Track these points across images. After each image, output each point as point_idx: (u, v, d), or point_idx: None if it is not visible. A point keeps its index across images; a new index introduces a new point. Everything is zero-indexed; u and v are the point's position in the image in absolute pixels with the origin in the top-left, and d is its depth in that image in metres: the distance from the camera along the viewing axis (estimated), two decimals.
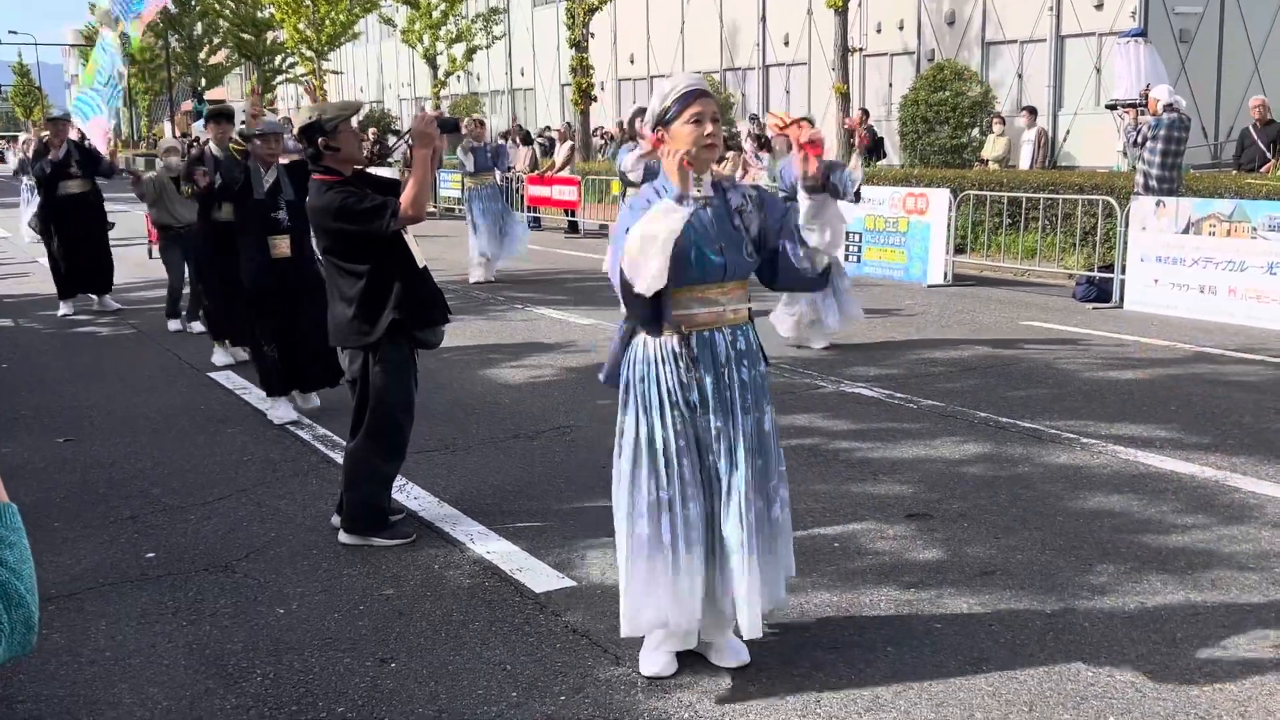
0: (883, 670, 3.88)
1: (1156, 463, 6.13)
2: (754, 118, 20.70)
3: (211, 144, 8.48)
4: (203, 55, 50.12)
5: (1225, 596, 4.41)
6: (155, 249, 15.87)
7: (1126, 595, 4.44)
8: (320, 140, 4.94)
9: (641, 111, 10.60)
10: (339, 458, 6.50)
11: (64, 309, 12.12)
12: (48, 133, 12.09)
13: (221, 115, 8.68)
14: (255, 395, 8.07)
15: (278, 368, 7.40)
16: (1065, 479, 5.88)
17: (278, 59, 45.12)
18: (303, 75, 41.56)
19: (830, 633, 4.19)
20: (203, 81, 50.26)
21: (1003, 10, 23.92)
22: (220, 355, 9.29)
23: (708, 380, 3.67)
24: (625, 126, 10.92)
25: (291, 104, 53.90)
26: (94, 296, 12.44)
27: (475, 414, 7.48)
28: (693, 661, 3.96)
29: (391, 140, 22.45)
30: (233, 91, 57.42)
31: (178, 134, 27.71)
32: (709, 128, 3.55)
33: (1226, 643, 4.03)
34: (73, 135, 12.24)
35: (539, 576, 4.75)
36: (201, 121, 8.97)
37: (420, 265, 5.04)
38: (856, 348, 9.53)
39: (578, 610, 4.41)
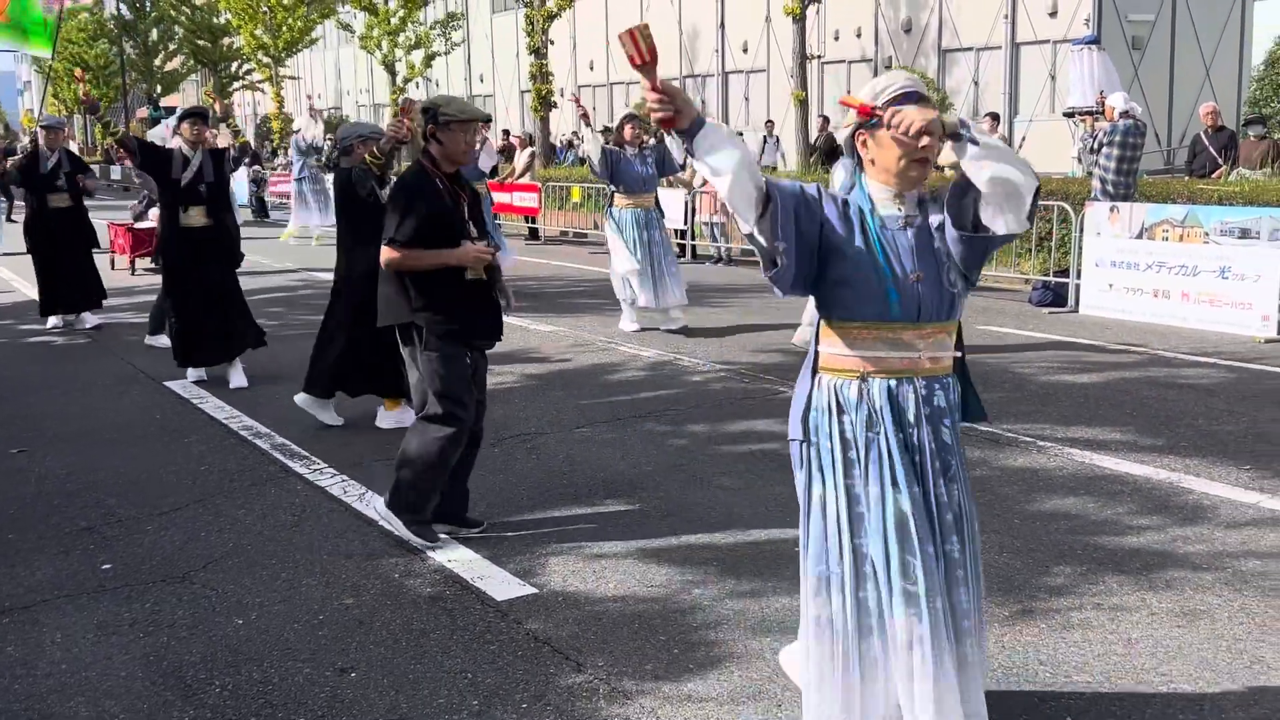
0: None
1: (1112, 465, 6.20)
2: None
3: (183, 144, 8.36)
4: (158, 62, 49.70)
5: (1180, 597, 4.47)
6: (119, 257, 15.71)
7: (1083, 596, 4.49)
8: (429, 126, 5.04)
9: (632, 118, 10.58)
10: (298, 467, 6.47)
11: (53, 321, 11.46)
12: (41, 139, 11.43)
13: (196, 115, 8.53)
14: (212, 404, 8.01)
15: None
16: (1022, 481, 5.94)
17: (234, 65, 44.81)
18: (260, 82, 41.34)
19: (792, 636, 4.20)
20: (158, 88, 49.84)
21: (959, 18, 24.14)
22: (194, 372, 8.75)
23: (891, 441, 3.09)
24: (614, 131, 10.79)
25: (249, 110, 53.55)
26: (73, 315, 11.56)
27: None
28: (654, 666, 3.97)
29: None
30: (188, 98, 56.96)
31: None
32: (924, 139, 2.96)
33: (1182, 644, 4.08)
34: (73, 146, 11.85)
35: (500, 584, 4.74)
36: (174, 120, 8.81)
37: (470, 278, 5.06)
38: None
39: (539, 618, 4.41)
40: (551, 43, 27.23)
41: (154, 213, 16.35)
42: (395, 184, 5.17)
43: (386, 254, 5.00)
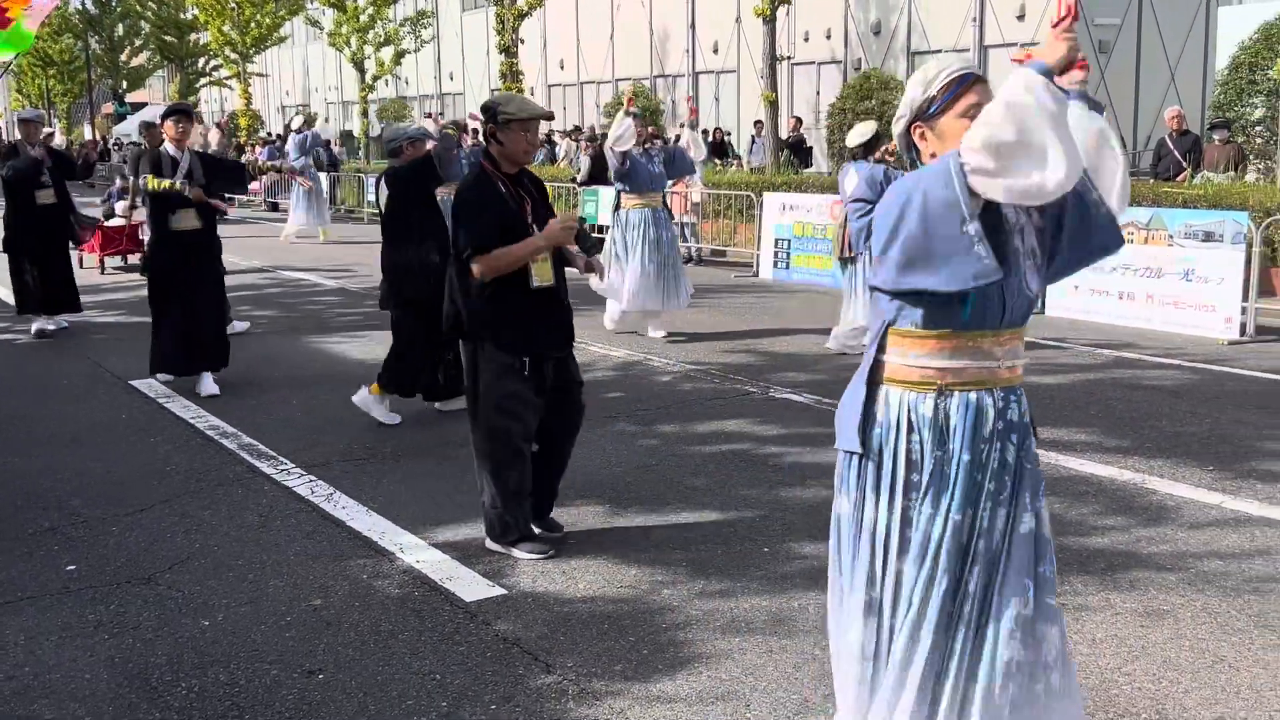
0: (811, 674, 3.92)
1: (1077, 465, 6.25)
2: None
3: (168, 143, 8.14)
4: (124, 57, 49.25)
5: (1144, 597, 4.52)
6: (88, 256, 15.47)
7: None
8: (488, 126, 4.92)
9: (636, 116, 10.35)
10: (265, 467, 6.44)
11: (38, 325, 10.81)
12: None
13: (180, 112, 8.28)
14: (178, 404, 7.95)
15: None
16: None
17: (201, 62, 44.48)
18: (227, 78, 41.06)
19: (759, 636, 4.22)
20: (124, 84, 49.39)
21: (927, 21, 24.28)
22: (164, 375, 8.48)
23: (961, 460, 2.85)
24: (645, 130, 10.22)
25: (215, 107, 53.18)
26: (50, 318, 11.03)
27: (404, 423, 7.42)
28: (624, 666, 3.97)
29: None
30: (154, 94, 56.50)
31: (98, 136, 27.19)
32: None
33: (1145, 643, 4.12)
34: (57, 140, 11.45)
35: (469, 585, 4.73)
36: (160, 118, 8.41)
37: (537, 285, 4.91)
38: (784, 354, 9.61)
39: (508, 619, 4.40)
40: (522, 41, 27.17)
41: (119, 207, 16.24)
42: (458, 193, 4.95)
43: (475, 267, 4.77)
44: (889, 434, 2.89)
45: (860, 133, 9.07)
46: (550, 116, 5.17)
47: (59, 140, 11.76)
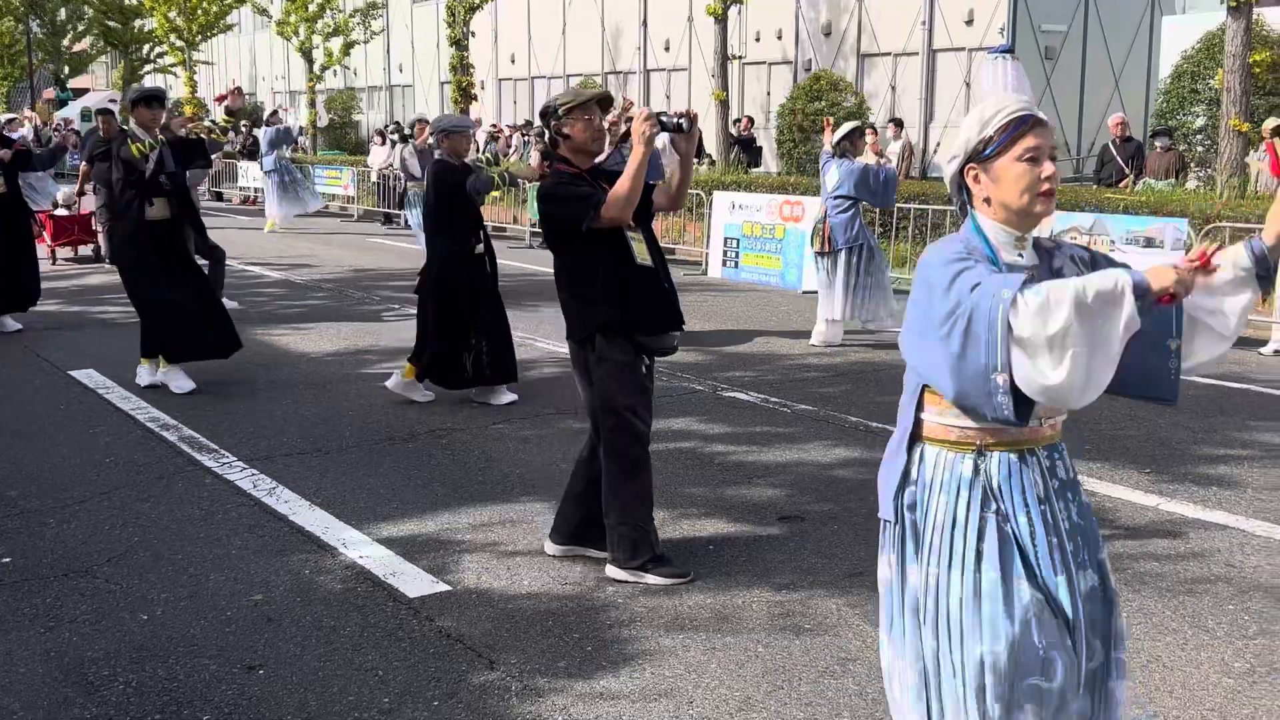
0: (754, 671, 3.94)
1: None
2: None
3: (135, 128, 7.84)
4: (66, 42, 48.41)
5: None
6: (39, 246, 15.02)
7: None
8: (552, 125, 4.70)
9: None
10: (206, 460, 6.36)
11: (12, 324, 10.37)
12: None
13: (153, 98, 7.97)
14: (118, 394, 7.84)
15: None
16: None
17: (146, 48, 43.83)
18: (171, 66, 40.51)
19: (703, 633, 4.23)
20: (66, 69, 48.55)
21: (877, 23, 24.46)
22: (146, 374, 8.08)
23: (1018, 522, 2.69)
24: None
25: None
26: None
27: (348, 416, 7.38)
28: (567, 663, 3.97)
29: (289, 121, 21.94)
30: (98, 80, 55.61)
31: (38, 123, 26.68)
32: (1047, 168, 2.62)
33: None
34: (25, 130, 10.79)
35: (413, 581, 4.71)
36: (130, 104, 7.93)
37: (640, 262, 4.68)
38: (732, 353, 9.65)
39: (452, 615, 4.39)
40: (473, 34, 27.06)
41: (61, 196, 15.92)
42: (546, 193, 4.70)
43: (606, 215, 4.50)
44: (924, 494, 2.78)
45: (841, 130, 9.37)
46: (608, 96, 4.86)
47: (25, 130, 11.00)
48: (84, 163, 14.61)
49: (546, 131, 4.75)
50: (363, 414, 7.44)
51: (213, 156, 10.53)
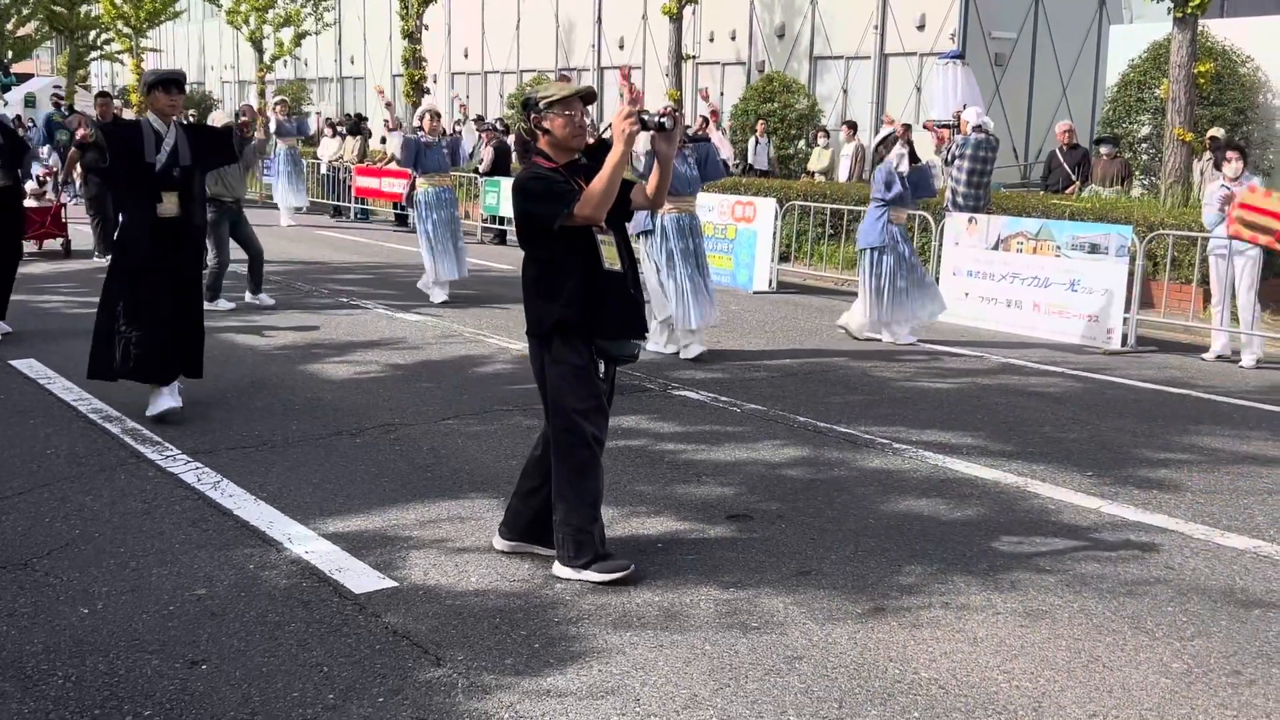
0: (701, 669, 3.95)
1: (963, 468, 6.40)
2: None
3: (151, 115, 6.95)
4: (9, 26, 47.49)
5: (1024, 598, 4.64)
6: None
7: (932, 595, 4.63)
8: (532, 118, 4.61)
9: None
10: (150, 453, 6.28)
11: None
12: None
13: (171, 81, 6.92)
14: (60, 385, 7.72)
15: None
16: (878, 483, 6.09)
17: (92, 34, 43.12)
18: (119, 53, 39.90)
19: (650, 631, 4.24)
20: (9, 54, 47.64)
21: (830, 26, 24.58)
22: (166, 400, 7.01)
23: None
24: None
25: (106, 81, 51.63)
26: None
27: (295, 410, 7.31)
28: (514, 660, 3.97)
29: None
30: (42, 66, 54.64)
31: None
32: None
33: (1024, 642, 4.24)
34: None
35: (359, 577, 4.68)
36: (146, 87, 6.95)
37: (609, 267, 4.62)
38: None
39: (398, 611, 4.36)
40: (426, 27, 26.86)
41: (29, 187, 15.41)
42: (520, 186, 4.61)
43: (580, 213, 4.45)
44: None
45: (878, 136, 9.79)
46: (592, 93, 4.76)
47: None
48: (73, 148, 14.25)
49: (525, 124, 4.66)
50: (310, 408, 7.37)
51: (248, 155, 9.43)
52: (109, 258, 7.64)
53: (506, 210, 18.19)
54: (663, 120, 4.49)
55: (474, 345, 9.68)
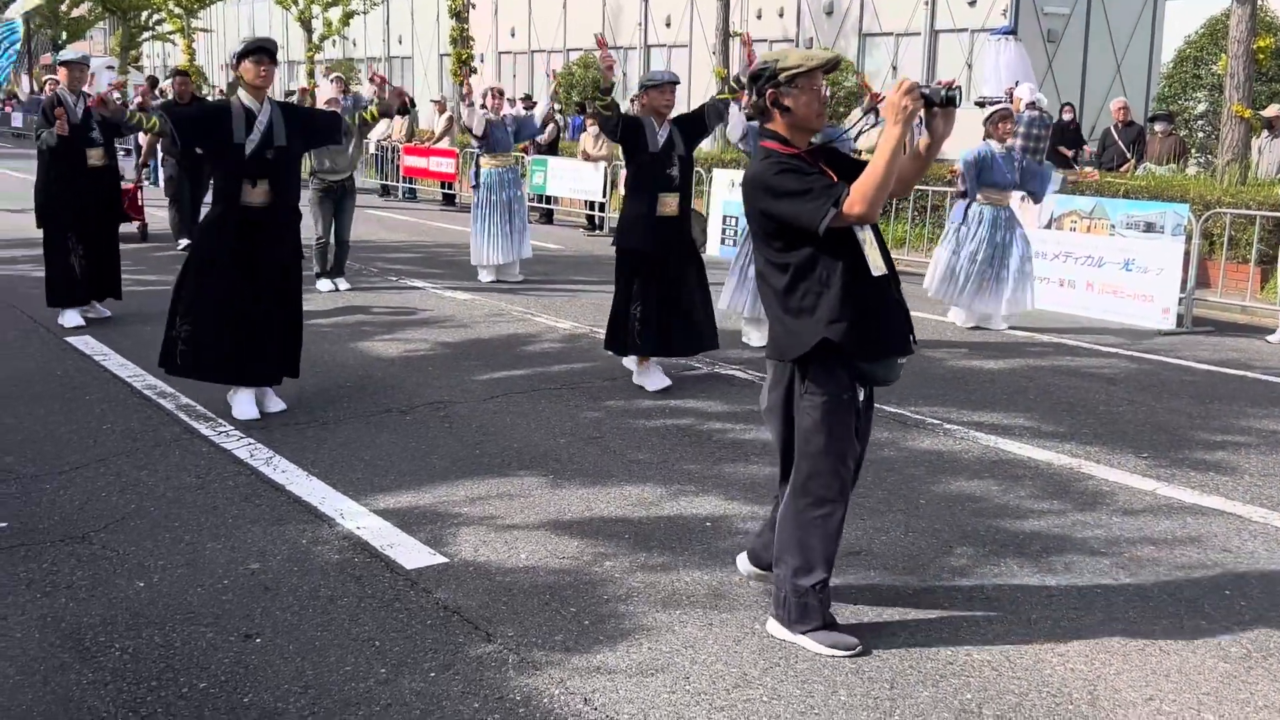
0: (751, 647, 3.95)
1: (1015, 449, 6.33)
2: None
3: (242, 92, 6.43)
4: (64, 7, 48.07)
5: (1077, 580, 4.59)
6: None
7: (984, 577, 4.59)
8: (768, 93, 3.91)
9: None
10: (203, 428, 6.35)
11: (75, 318, 9.10)
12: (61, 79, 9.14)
13: (261, 50, 6.31)
14: (115, 361, 7.82)
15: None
16: (928, 463, 6.04)
17: (144, 15, 43.54)
18: (170, 33, 40.25)
19: (699, 610, 4.24)
20: (64, 35, 48.24)
21: (879, 2, 24.34)
22: (245, 405, 6.61)
23: None
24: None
25: (158, 61, 52.14)
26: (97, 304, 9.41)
27: (346, 387, 7.36)
28: (564, 637, 3.97)
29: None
30: (96, 47, 55.25)
31: (35, 88, 26.48)
32: None
33: (1078, 625, 4.19)
34: (89, 89, 9.08)
35: (410, 553, 4.70)
36: (235, 58, 6.32)
37: (877, 273, 3.89)
38: (731, 330, 9.62)
39: (449, 587, 4.39)
40: (473, 6, 26.89)
41: (128, 169, 15.32)
42: (762, 185, 3.87)
43: (854, 211, 3.71)
44: None
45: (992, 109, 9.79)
46: (836, 61, 4.06)
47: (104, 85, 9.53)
48: (145, 133, 14.04)
49: (759, 99, 3.94)
50: (360, 385, 7.42)
51: (354, 134, 8.53)
52: (182, 244, 7.46)
53: (554, 189, 18.20)
54: (952, 93, 3.72)
55: (522, 324, 9.70)
